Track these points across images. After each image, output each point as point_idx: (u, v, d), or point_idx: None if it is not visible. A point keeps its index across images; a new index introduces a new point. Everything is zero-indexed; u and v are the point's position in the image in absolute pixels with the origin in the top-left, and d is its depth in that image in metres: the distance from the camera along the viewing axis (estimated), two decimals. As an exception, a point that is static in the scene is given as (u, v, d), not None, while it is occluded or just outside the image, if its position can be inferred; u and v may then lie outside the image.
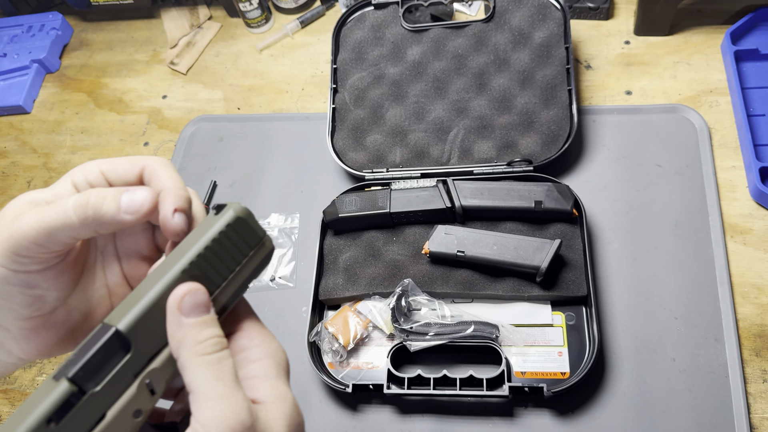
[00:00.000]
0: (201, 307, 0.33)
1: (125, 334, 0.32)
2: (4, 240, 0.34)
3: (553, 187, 0.78)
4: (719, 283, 0.74)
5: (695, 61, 0.91)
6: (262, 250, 0.37)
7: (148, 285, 0.33)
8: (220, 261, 0.35)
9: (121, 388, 0.32)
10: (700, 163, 0.82)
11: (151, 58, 1.14)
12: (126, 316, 0.32)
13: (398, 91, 0.90)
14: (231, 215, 0.35)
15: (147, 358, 0.33)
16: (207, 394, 0.32)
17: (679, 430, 0.67)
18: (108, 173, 0.38)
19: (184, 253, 0.34)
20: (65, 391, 0.30)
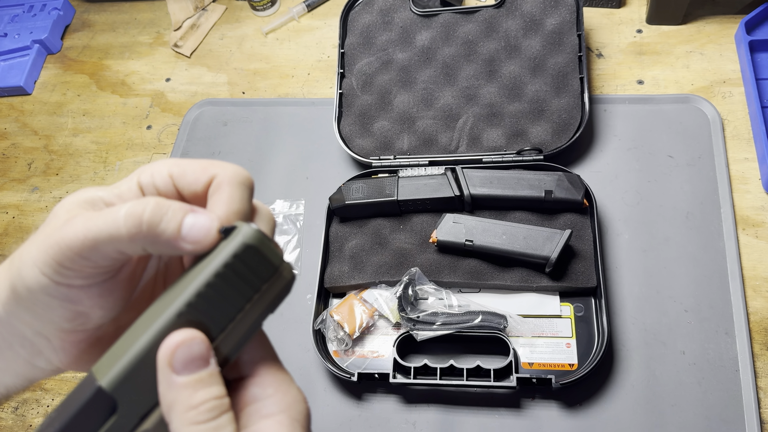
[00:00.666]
0: (197, 361, 0.28)
1: (110, 393, 0.27)
2: (49, 246, 0.30)
3: (564, 177, 0.76)
4: (730, 276, 0.73)
5: (708, 51, 0.90)
6: (278, 281, 0.30)
7: (138, 330, 0.28)
8: (225, 299, 0.29)
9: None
10: (713, 154, 0.81)
11: (155, 41, 1.12)
12: (110, 371, 0.27)
13: (407, 76, 0.89)
14: (239, 242, 0.29)
15: (137, 418, 0.28)
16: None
17: (689, 423, 0.66)
18: (177, 177, 0.33)
19: (182, 290, 0.29)
20: None
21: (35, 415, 0.80)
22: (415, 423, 0.71)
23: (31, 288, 0.30)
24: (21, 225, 0.96)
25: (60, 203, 0.32)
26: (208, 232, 0.30)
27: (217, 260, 0.29)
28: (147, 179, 0.33)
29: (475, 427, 0.69)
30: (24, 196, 0.99)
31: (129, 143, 1.01)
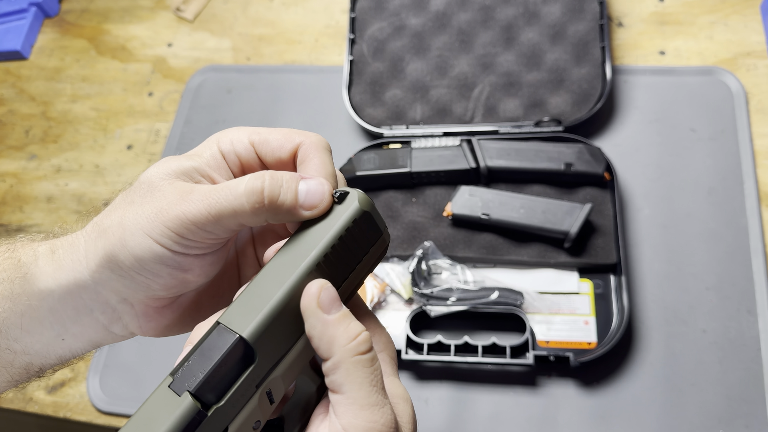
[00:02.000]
0: (337, 302, 0.31)
1: (251, 343, 0.29)
2: (168, 220, 0.32)
3: (585, 149, 0.74)
4: (753, 253, 0.71)
5: (733, 22, 0.87)
6: (381, 244, 0.34)
7: (269, 285, 0.30)
8: (343, 259, 0.32)
9: (243, 401, 0.29)
10: (736, 128, 0.78)
11: (156, 4, 1.08)
12: (251, 323, 0.29)
13: (420, 43, 0.86)
14: (356, 208, 0.32)
15: (269, 366, 0.30)
16: (360, 401, 0.30)
17: (709, 403, 0.65)
18: (259, 145, 0.35)
19: (307, 250, 0.31)
20: (190, 409, 0.27)
21: (36, 387, 0.78)
22: (427, 400, 0.69)
23: (141, 257, 0.32)
24: (19, 193, 0.93)
25: (150, 173, 0.34)
26: (323, 197, 0.32)
27: (338, 224, 0.31)
28: (227, 147, 0.35)
29: (489, 404, 0.68)
30: (22, 164, 0.96)
31: (130, 110, 0.97)
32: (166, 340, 0.77)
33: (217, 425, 0.28)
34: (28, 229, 0.90)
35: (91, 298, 0.35)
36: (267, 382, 0.30)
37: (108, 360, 0.78)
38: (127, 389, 0.76)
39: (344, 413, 0.30)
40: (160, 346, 0.78)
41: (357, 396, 0.30)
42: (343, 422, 0.30)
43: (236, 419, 0.29)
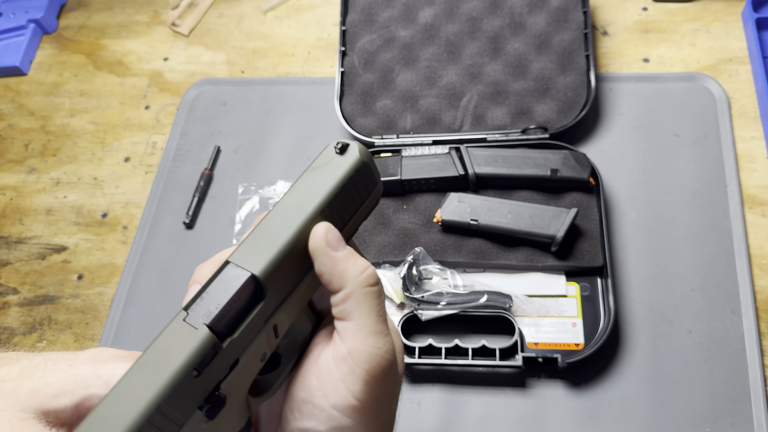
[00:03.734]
0: (342, 241, 0.33)
1: (262, 281, 0.31)
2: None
3: (570, 155, 0.76)
4: (737, 255, 0.72)
5: (715, 29, 0.89)
6: (375, 193, 0.37)
7: (278, 228, 0.32)
8: (344, 205, 0.34)
9: (253, 334, 0.31)
10: (719, 133, 0.80)
11: (152, 20, 1.10)
12: (262, 262, 0.31)
13: (409, 54, 0.88)
14: (357, 159, 0.34)
15: (277, 302, 0.32)
16: (368, 328, 0.32)
17: (695, 402, 0.66)
18: None
19: (313, 197, 0.33)
20: (208, 340, 0.29)
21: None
22: (420, 402, 0.70)
23: None
24: (19, 206, 0.95)
25: None
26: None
27: (341, 174, 0.34)
28: None
29: (480, 406, 0.69)
30: (21, 177, 0.98)
31: (127, 123, 0.99)
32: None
33: (231, 356, 0.30)
34: (28, 241, 0.92)
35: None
36: (274, 317, 0.32)
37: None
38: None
39: (351, 339, 0.32)
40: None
41: (365, 323, 0.32)
42: (348, 347, 0.32)
43: (247, 351, 0.31)
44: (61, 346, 0.83)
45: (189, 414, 0.29)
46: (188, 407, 0.29)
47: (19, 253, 0.91)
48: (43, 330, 0.84)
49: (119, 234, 0.90)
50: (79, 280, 0.87)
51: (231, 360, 0.30)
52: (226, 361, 0.30)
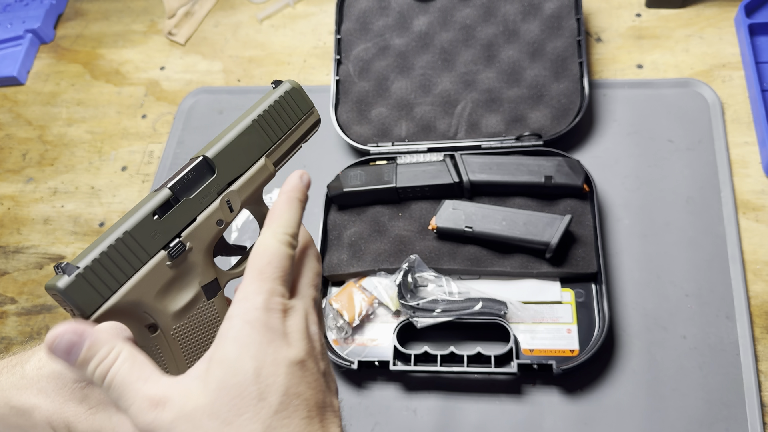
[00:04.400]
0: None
1: (211, 160, 0.41)
2: None
3: (564, 162, 0.76)
4: (731, 260, 0.73)
5: (708, 35, 0.89)
6: (311, 117, 0.46)
7: (229, 129, 0.42)
8: (281, 119, 0.44)
9: (208, 201, 0.41)
10: (713, 138, 0.81)
11: (149, 29, 1.11)
12: (213, 148, 0.41)
13: (404, 62, 0.88)
14: (288, 86, 0.45)
15: (227, 181, 0.42)
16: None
17: (690, 408, 0.66)
18: None
19: (254, 111, 0.43)
20: (166, 195, 0.39)
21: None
22: (416, 410, 0.71)
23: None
24: (16, 216, 0.95)
25: None
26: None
27: (274, 95, 0.44)
28: None
29: (476, 413, 0.69)
30: (19, 186, 0.98)
31: (124, 132, 1.00)
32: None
33: (187, 212, 0.40)
34: (26, 250, 0.92)
35: None
36: (225, 193, 0.41)
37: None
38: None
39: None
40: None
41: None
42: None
43: (203, 212, 0.41)
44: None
45: (155, 251, 0.38)
46: (153, 244, 0.38)
47: (16, 262, 0.91)
48: (40, 339, 0.84)
49: (116, 243, 0.90)
50: (77, 289, 0.87)
51: (189, 217, 0.40)
52: (184, 216, 0.40)
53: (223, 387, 0.32)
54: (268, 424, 0.32)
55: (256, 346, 0.33)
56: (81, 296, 0.36)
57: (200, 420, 0.32)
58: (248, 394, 0.32)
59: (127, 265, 0.37)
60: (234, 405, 0.32)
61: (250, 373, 0.32)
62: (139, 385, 0.33)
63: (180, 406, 0.32)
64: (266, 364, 0.33)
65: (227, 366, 0.33)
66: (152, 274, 0.38)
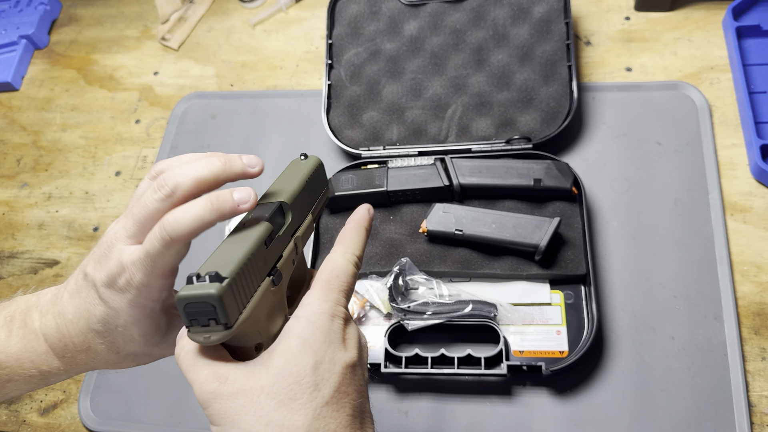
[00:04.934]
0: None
1: (287, 206, 0.44)
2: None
3: (553, 165, 0.77)
4: (719, 261, 0.73)
5: (696, 38, 0.90)
6: (327, 192, 0.51)
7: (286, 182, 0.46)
8: (311, 190, 0.48)
9: (286, 240, 0.44)
10: (701, 140, 0.81)
11: (142, 34, 1.11)
12: (288, 195, 0.44)
13: (395, 67, 0.89)
14: (316, 161, 0.49)
15: (296, 225, 0.45)
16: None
17: (678, 408, 0.67)
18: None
19: (298, 176, 0.47)
20: (269, 228, 0.41)
21: (29, 410, 0.80)
22: (407, 412, 0.71)
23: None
24: (11, 221, 0.96)
25: None
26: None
27: (306, 169, 0.48)
28: None
29: (466, 414, 0.70)
30: (14, 192, 0.99)
31: (118, 138, 1.00)
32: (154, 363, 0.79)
33: (278, 248, 0.42)
34: (20, 255, 0.93)
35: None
36: (295, 236, 0.45)
37: (98, 381, 0.80)
38: (117, 409, 0.78)
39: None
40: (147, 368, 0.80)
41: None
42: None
43: (285, 249, 0.43)
44: (53, 360, 0.83)
45: (263, 277, 0.40)
46: (263, 270, 0.40)
47: (11, 267, 0.92)
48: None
49: (110, 248, 0.90)
50: (71, 293, 0.88)
51: (279, 252, 0.42)
52: (277, 249, 0.42)
53: (283, 373, 0.36)
54: (318, 412, 0.36)
55: (317, 344, 0.38)
56: (229, 305, 0.36)
57: (258, 397, 0.36)
58: (305, 382, 0.36)
59: (251, 283, 0.39)
60: (291, 389, 0.36)
61: (309, 366, 0.37)
62: (207, 360, 0.38)
63: (242, 382, 0.36)
64: (324, 361, 0.38)
65: (290, 356, 0.37)
66: (264, 296, 0.40)
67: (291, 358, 0.37)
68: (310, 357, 0.37)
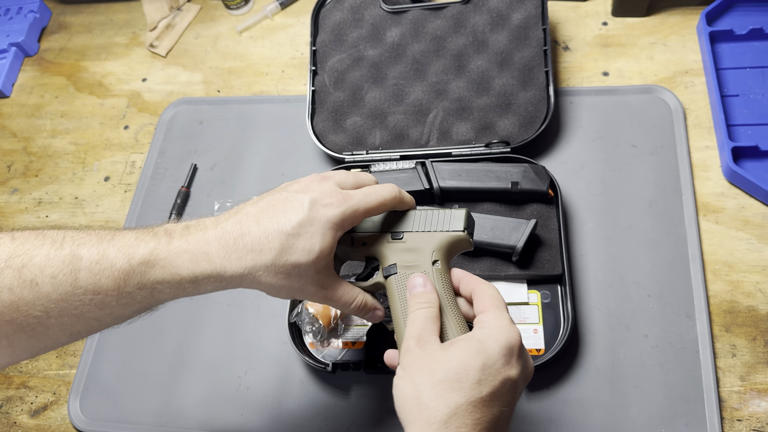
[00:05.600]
0: None
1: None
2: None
3: (530, 168, 0.79)
4: (691, 261, 0.75)
5: (671, 42, 0.92)
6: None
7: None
8: None
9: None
10: (675, 143, 0.83)
11: (131, 41, 1.13)
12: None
13: (377, 73, 0.91)
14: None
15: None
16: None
17: (651, 404, 0.69)
18: None
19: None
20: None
21: (19, 412, 0.82)
22: (389, 410, 0.73)
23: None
24: (2, 226, 0.97)
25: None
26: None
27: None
28: None
29: (446, 412, 0.72)
30: (4, 197, 1.00)
31: (107, 143, 1.02)
32: (140, 362, 0.80)
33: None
34: (11, 260, 0.94)
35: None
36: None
37: (87, 383, 0.82)
38: (106, 410, 0.80)
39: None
40: (135, 370, 0.82)
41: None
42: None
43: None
44: (44, 363, 0.85)
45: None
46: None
47: (2, 272, 0.93)
48: (25, 347, 0.86)
49: (99, 252, 0.92)
50: (61, 297, 0.89)
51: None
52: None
53: (457, 361, 0.46)
54: (471, 401, 0.45)
55: (491, 352, 0.47)
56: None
57: (434, 368, 0.47)
58: (471, 376, 0.46)
59: None
60: (458, 375, 0.46)
61: (479, 365, 0.46)
62: (423, 325, 0.51)
63: (430, 352, 0.48)
64: (492, 367, 0.47)
65: (468, 352, 0.47)
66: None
67: (468, 353, 0.47)
68: (482, 359, 0.46)
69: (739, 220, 0.77)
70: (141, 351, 0.82)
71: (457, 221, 0.58)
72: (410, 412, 0.46)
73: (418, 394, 0.46)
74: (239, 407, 0.77)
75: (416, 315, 0.52)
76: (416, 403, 0.46)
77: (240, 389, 0.77)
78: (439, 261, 0.57)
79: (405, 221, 0.59)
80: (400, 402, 0.48)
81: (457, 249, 0.59)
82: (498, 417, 0.46)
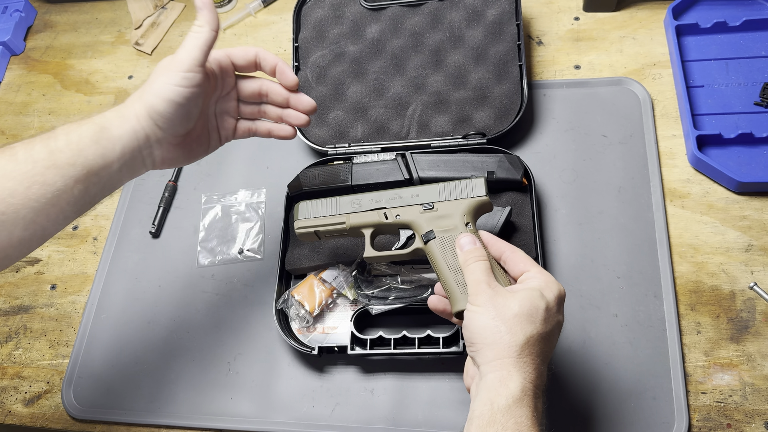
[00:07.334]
0: None
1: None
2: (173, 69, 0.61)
3: (505, 158, 0.82)
4: (659, 244, 0.79)
5: (640, 36, 0.96)
6: None
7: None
8: None
9: None
10: (643, 132, 0.87)
11: (116, 39, 1.15)
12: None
13: (358, 68, 0.94)
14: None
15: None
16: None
17: (621, 379, 0.73)
18: (231, 55, 0.68)
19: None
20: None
21: (13, 401, 0.84)
22: (373, 390, 0.76)
23: (169, 98, 0.60)
24: (-8, 222, 0.99)
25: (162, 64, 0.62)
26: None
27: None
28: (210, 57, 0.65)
29: (427, 390, 0.75)
30: (-6, 194, 1.02)
31: (95, 140, 1.04)
32: (131, 351, 0.83)
33: None
34: None
35: (141, 144, 0.61)
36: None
37: (80, 371, 0.84)
38: (99, 397, 0.82)
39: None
40: (127, 358, 0.84)
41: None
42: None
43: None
44: (37, 353, 0.87)
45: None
46: None
47: (-7, 266, 0.95)
48: (18, 338, 0.89)
49: (89, 245, 0.94)
50: (53, 290, 0.92)
51: None
52: None
53: (528, 301, 0.55)
54: (540, 334, 0.54)
55: (549, 298, 0.56)
56: None
57: (508, 305, 0.55)
58: (540, 314, 0.55)
59: None
60: (529, 311, 0.54)
61: (543, 307, 0.55)
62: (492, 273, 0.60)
63: (501, 292, 0.57)
64: (551, 311, 0.56)
65: (534, 295, 0.55)
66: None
67: (534, 297, 0.55)
68: (545, 303, 0.55)
69: (704, 205, 0.81)
70: (132, 340, 0.85)
71: (480, 188, 0.68)
72: (489, 336, 0.54)
73: (496, 324, 0.54)
74: (229, 391, 0.80)
75: (476, 266, 0.59)
76: (494, 329, 0.54)
77: (229, 374, 0.80)
78: (470, 223, 0.66)
79: (429, 193, 0.69)
80: (477, 329, 0.55)
81: (482, 211, 0.69)
82: (549, 352, 0.56)
